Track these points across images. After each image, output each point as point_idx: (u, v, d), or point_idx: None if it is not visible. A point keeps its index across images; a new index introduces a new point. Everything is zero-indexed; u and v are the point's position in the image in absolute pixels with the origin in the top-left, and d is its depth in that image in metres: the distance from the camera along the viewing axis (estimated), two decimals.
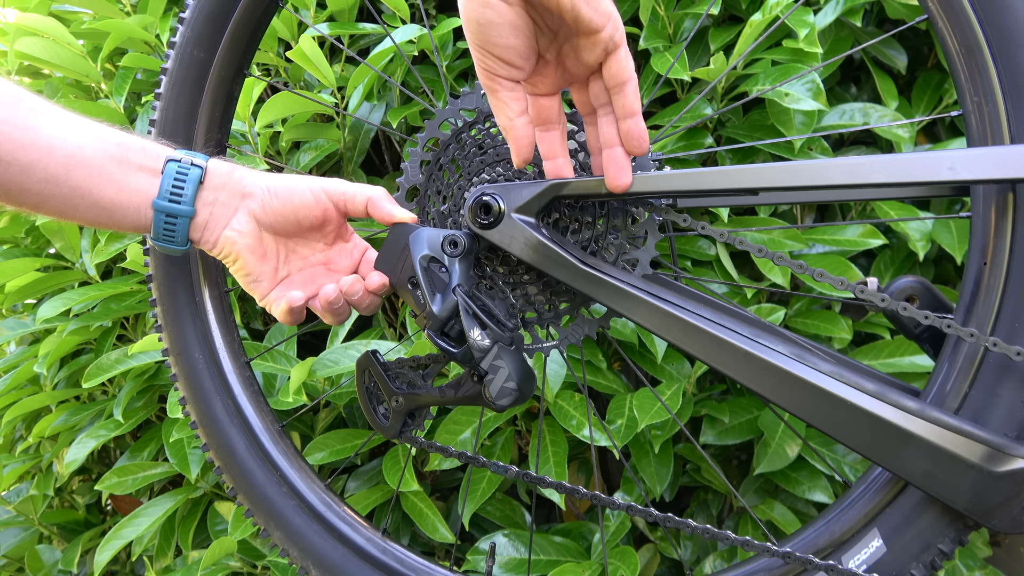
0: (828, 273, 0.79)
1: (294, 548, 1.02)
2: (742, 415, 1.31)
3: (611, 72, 0.74)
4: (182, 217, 0.82)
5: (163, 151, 0.83)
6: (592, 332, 0.92)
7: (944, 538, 0.79)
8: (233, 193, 0.84)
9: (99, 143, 0.78)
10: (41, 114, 0.75)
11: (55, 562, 1.68)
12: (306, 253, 0.90)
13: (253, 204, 0.85)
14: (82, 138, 0.77)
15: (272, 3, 1.00)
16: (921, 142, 1.36)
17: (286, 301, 0.87)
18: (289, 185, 0.86)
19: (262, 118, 1.28)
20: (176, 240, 0.83)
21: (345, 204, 0.88)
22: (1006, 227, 0.77)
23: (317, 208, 0.87)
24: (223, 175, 0.84)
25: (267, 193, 0.85)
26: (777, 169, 0.77)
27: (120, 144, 0.80)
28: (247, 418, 1.05)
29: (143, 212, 0.81)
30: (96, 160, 0.77)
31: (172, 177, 0.81)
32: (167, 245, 0.83)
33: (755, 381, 0.78)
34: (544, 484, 0.91)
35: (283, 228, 0.87)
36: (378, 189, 0.89)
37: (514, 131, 0.77)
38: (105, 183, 0.78)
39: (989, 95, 0.77)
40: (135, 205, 0.80)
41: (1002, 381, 0.76)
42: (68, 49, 1.42)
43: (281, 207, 0.85)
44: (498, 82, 0.74)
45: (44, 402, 1.61)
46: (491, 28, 0.70)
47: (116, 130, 0.81)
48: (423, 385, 0.89)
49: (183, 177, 0.81)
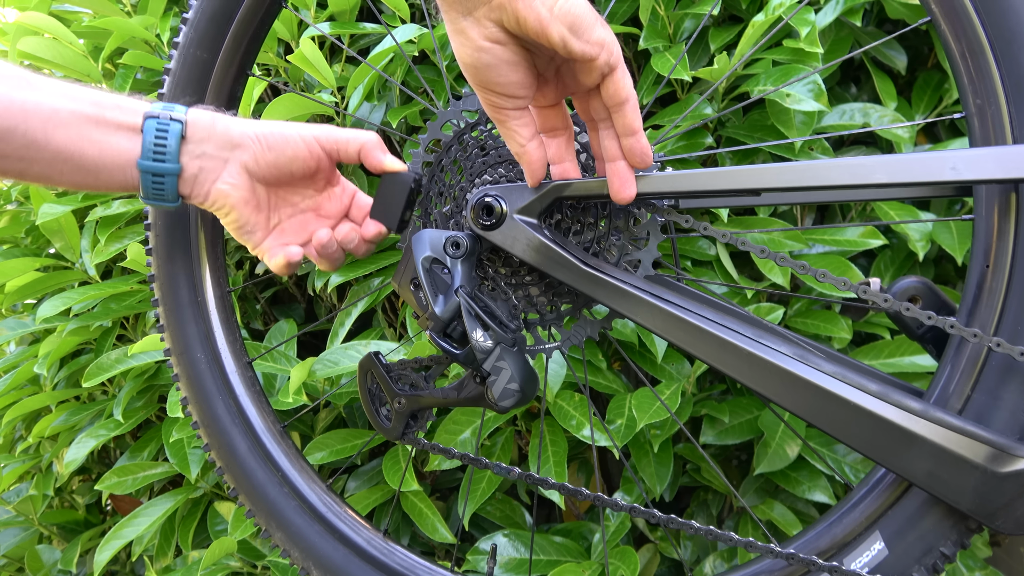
0: (831, 274, 0.79)
1: (295, 549, 1.02)
2: (742, 415, 1.31)
3: (608, 93, 0.74)
4: (169, 175, 0.81)
5: (140, 106, 0.81)
6: (594, 333, 0.92)
7: (946, 541, 0.79)
8: (221, 145, 0.83)
9: (73, 104, 0.77)
10: (10, 79, 0.75)
11: (55, 562, 1.68)
12: (296, 200, 0.91)
13: (245, 156, 0.84)
14: (56, 100, 0.76)
15: (275, 4, 1.00)
16: (921, 142, 1.36)
17: (284, 256, 0.88)
18: (281, 134, 0.86)
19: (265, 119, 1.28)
20: (166, 197, 0.82)
21: (338, 151, 0.88)
22: (1009, 228, 0.77)
23: (311, 158, 0.87)
24: (206, 126, 0.83)
25: (259, 144, 0.84)
26: (779, 170, 0.77)
27: (95, 103, 0.78)
28: (249, 418, 1.05)
29: (129, 172, 0.80)
30: (73, 121, 0.76)
31: (153, 134, 0.80)
32: (158, 202, 0.83)
33: (758, 382, 0.78)
34: (547, 485, 0.90)
35: (276, 179, 0.87)
36: (370, 135, 0.89)
37: (527, 156, 0.77)
38: (86, 144, 0.77)
39: (991, 97, 0.77)
40: (119, 165, 0.79)
41: (1005, 382, 0.76)
42: (69, 48, 1.41)
43: (275, 159, 0.85)
44: (505, 114, 0.75)
45: (44, 402, 1.61)
46: (489, 70, 0.70)
47: (89, 88, 0.80)
48: (425, 386, 0.89)
49: (164, 133, 0.80)
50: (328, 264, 0.91)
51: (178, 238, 1.03)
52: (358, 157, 0.88)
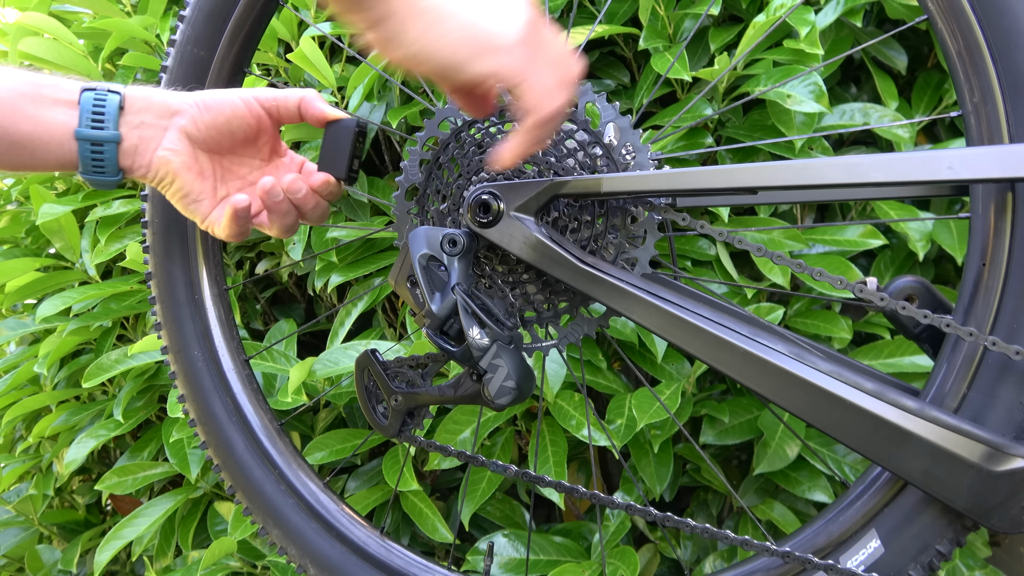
0: (827, 272, 0.79)
1: (292, 546, 1.02)
2: (742, 415, 1.31)
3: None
4: (108, 143, 0.80)
5: (78, 83, 0.81)
6: (591, 331, 0.92)
7: (942, 539, 0.79)
8: (160, 113, 0.83)
9: (8, 82, 0.76)
10: None
11: (55, 562, 1.68)
12: (244, 172, 0.90)
13: (183, 120, 0.83)
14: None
15: (272, 2, 1.00)
16: (921, 142, 1.36)
17: (229, 204, 0.84)
18: (219, 97, 0.85)
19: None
20: (106, 170, 0.81)
21: (278, 109, 0.87)
22: (1005, 227, 0.77)
23: (250, 116, 0.86)
24: (143, 98, 0.83)
25: (197, 107, 0.83)
26: (776, 168, 0.77)
27: (31, 82, 0.78)
28: (246, 416, 1.05)
29: (66, 145, 0.79)
30: (7, 99, 0.76)
31: (91, 104, 0.79)
32: (98, 177, 0.81)
33: (755, 380, 0.78)
34: (544, 483, 0.90)
35: (217, 143, 0.86)
36: (308, 90, 0.88)
37: None
38: (20, 120, 0.76)
39: (988, 95, 0.77)
40: (57, 139, 0.78)
41: (1001, 381, 0.76)
42: (70, 49, 1.42)
43: (213, 119, 0.84)
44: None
45: (44, 402, 1.61)
46: None
47: (27, 71, 0.79)
48: (422, 384, 0.89)
49: (101, 103, 0.79)
50: (279, 225, 0.88)
51: (175, 236, 1.03)
52: (299, 112, 0.87)
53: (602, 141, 0.86)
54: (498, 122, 0.89)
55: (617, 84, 1.43)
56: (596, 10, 1.37)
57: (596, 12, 1.36)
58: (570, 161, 0.86)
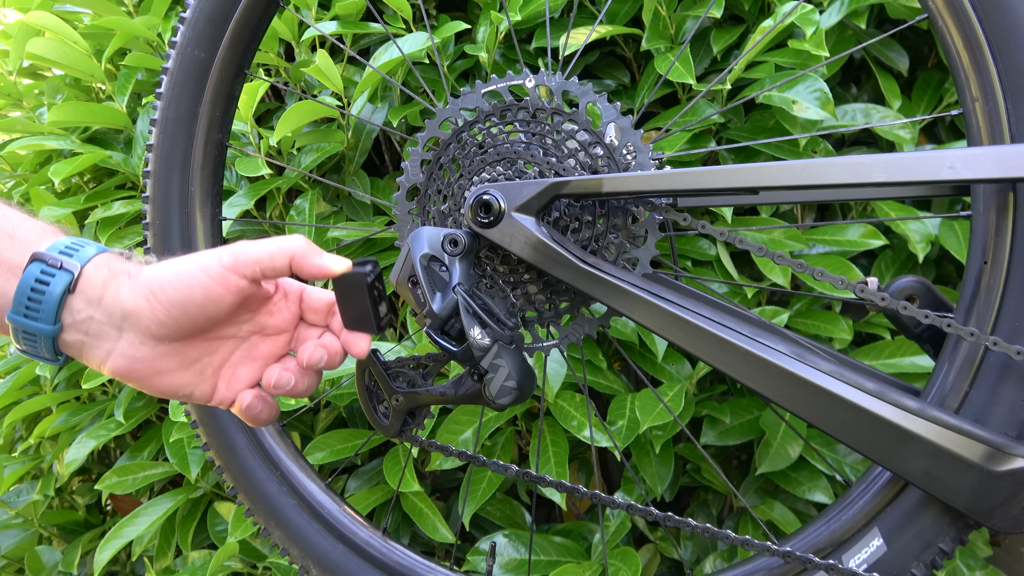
0: (828, 272, 0.79)
1: (294, 547, 1.02)
2: (743, 415, 1.31)
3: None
4: (44, 336, 0.65)
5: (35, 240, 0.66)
6: (592, 331, 0.92)
7: (945, 537, 0.79)
8: (111, 313, 0.67)
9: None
10: None
11: (55, 563, 1.68)
12: (232, 332, 0.75)
13: (142, 322, 0.67)
14: None
15: (273, 3, 1.00)
16: (922, 143, 1.36)
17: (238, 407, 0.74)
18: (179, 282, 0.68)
19: (280, 131, 1.29)
20: (44, 356, 0.67)
21: (262, 272, 0.71)
22: (1006, 226, 0.77)
23: (228, 294, 0.70)
24: (98, 285, 0.66)
25: (152, 301, 0.67)
26: (777, 168, 0.77)
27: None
28: None
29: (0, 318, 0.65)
30: None
31: (31, 285, 0.64)
32: (36, 357, 0.67)
33: (756, 380, 0.78)
34: (544, 483, 0.90)
35: (191, 329, 0.70)
36: (295, 239, 0.73)
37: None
38: None
39: (989, 94, 0.77)
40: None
41: (1002, 380, 0.76)
42: (74, 48, 1.42)
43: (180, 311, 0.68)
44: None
45: (45, 404, 1.61)
46: None
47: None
48: (423, 384, 0.89)
49: (43, 286, 0.64)
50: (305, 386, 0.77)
51: (175, 238, 1.03)
52: (290, 269, 0.72)
53: (603, 141, 0.86)
54: (499, 122, 0.89)
55: (617, 84, 1.44)
56: (597, 10, 1.37)
57: (597, 12, 1.36)
58: (571, 161, 0.86)
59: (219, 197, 1.07)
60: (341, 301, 0.77)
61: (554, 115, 0.87)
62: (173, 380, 0.71)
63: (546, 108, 0.87)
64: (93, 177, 1.66)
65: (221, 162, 1.06)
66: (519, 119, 0.88)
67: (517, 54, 1.28)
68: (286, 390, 0.75)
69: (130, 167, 1.52)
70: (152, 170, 1.03)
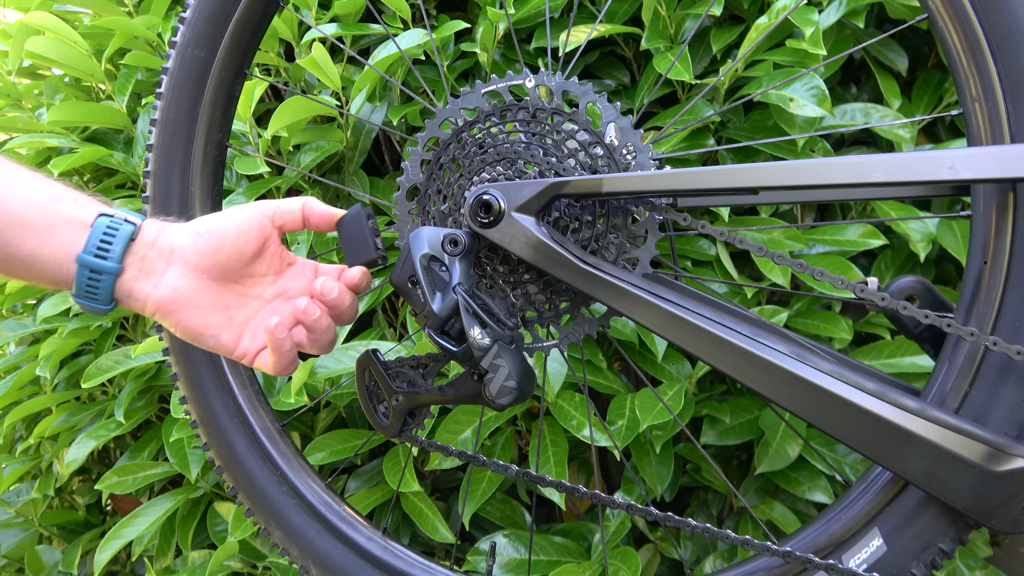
0: (828, 272, 0.79)
1: (294, 547, 1.02)
2: (743, 415, 1.31)
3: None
4: (107, 274, 0.76)
5: (97, 206, 0.79)
6: (592, 331, 0.92)
7: (945, 537, 0.79)
8: (161, 250, 0.79)
9: (27, 193, 0.74)
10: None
11: (55, 563, 1.68)
12: (258, 292, 0.86)
13: (186, 254, 0.80)
14: (7, 188, 0.73)
15: (273, 3, 1.00)
16: (922, 142, 1.36)
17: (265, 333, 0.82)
18: (219, 220, 0.82)
19: (273, 125, 1.28)
20: (99, 298, 0.77)
21: (281, 216, 0.85)
22: (1006, 226, 0.77)
23: (252, 228, 0.83)
24: (153, 232, 0.80)
25: (196, 236, 0.81)
26: (777, 168, 0.77)
27: (52, 195, 0.76)
28: (247, 417, 1.05)
29: (65, 266, 0.76)
30: (19, 210, 0.73)
31: (102, 231, 0.76)
32: (88, 303, 0.78)
33: (755, 380, 0.78)
34: (544, 483, 0.90)
35: (226, 268, 0.82)
36: (307, 197, 0.88)
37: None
38: (26, 234, 0.73)
39: (989, 94, 0.77)
40: (57, 259, 0.75)
41: (1003, 380, 0.76)
42: (74, 48, 1.42)
43: (218, 244, 0.81)
44: None
45: (45, 404, 1.61)
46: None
47: (52, 181, 0.77)
48: (423, 384, 0.89)
49: (113, 232, 0.76)
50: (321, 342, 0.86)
51: None
52: (302, 217, 0.86)
53: (603, 141, 0.86)
54: (499, 122, 0.89)
55: (617, 84, 1.44)
56: (596, 10, 1.37)
57: (596, 12, 1.36)
58: (571, 161, 0.86)
59: (219, 197, 1.07)
60: (343, 240, 0.87)
61: (554, 115, 0.87)
62: (206, 317, 0.82)
63: (546, 108, 0.87)
64: (93, 177, 1.66)
65: (221, 162, 1.06)
66: (519, 119, 0.88)
67: (517, 54, 1.28)
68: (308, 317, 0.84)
69: (130, 167, 1.52)
70: (152, 170, 1.03)
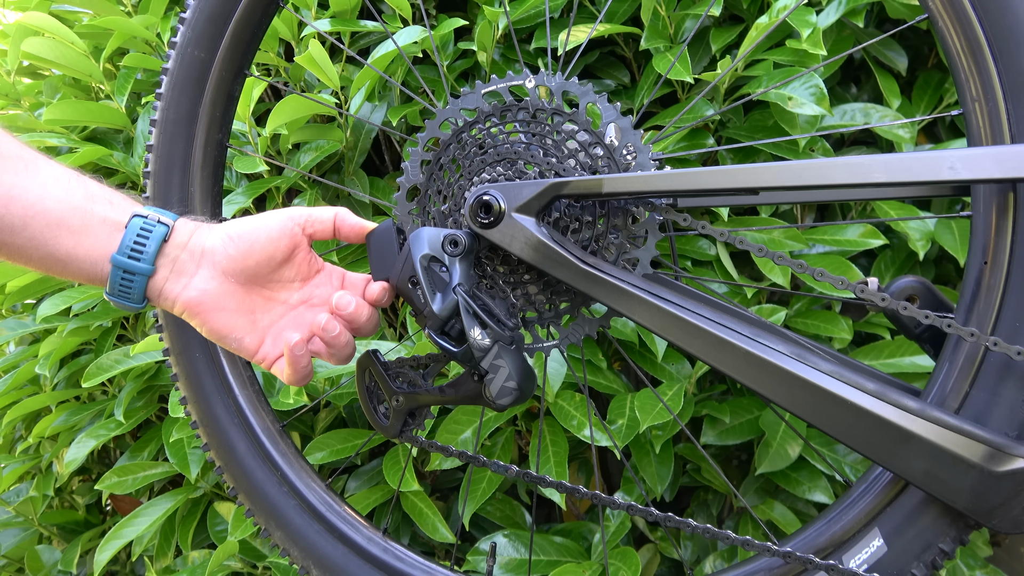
0: (828, 272, 0.79)
1: (295, 548, 1.02)
2: (743, 415, 1.31)
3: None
4: (139, 275, 0.78)
5: (131, 206, 0.80)
6: (593, 331, 0.92)
7: (945, 537, 0.79)
8: (192, 251, 0.81)
9: (64, 193, 0.75)
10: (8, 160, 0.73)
11: (55, 563, 1.68)
12: (284, 297, 0.87)
13: (216, 257, 0.81)
14: (46, 188, 0.74)
15: (273, 3, 1.00)
16: (922, 142, 1.36)
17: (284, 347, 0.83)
18: (250, 224, 0.83)
19: (271, 123, 1.28)
20: (132, 297, 0.79)
21: (312, 224, 0.85)
22: (1006, 226, 0.77)
23: (283, 235, 0.83)
24: (186, 233, 0.81)
25: (227, 240, 0.82)
26: (778, 169, 0.77)
27: (87, 195, 0.77)
28: (247, 418, 1.05)
29: (100, 266, 0.77)
30: (56, 211, 0.74)
31: (136, 232, 0.78)
32: (122, 301, 0.79)
33: (756, 381, 0.78)
34: (544, 483, 0.90)
35: (255, 272, 0.83)
36: (340, 208, 0.88)
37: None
38: (63, 234, 0.75)
39: (989, 94, 0.77)
40: (92, 259, 0.77)
41: (1003, 380, 0.76)
42: (72, 48, 1.42)
43: (249, 248, 0.82)
44: None
45: (44, 403, 1.61)
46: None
47: (87, 179, 0.79)
48: (423, 384, 0.89)
49: (147, 234, 0.78)
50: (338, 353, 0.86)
51: None
52: (333, 227, 0.86)
53: (603, 142, 0.86)
54: (499, 122, 0.89)
55: (617, 84, 1.44)
56: (596, 10, 1.37)
57: (596, 12, 1.36)
58: (571, 162, 0.86)
59: (219, 198, 1.07)
60: (371, 253, 0.87)
61: (554, 115, 0.87)
62: (231, 320, 0.83)
63: (546, 108, 0.87)
64: (93, 176, 1.66)
65: (221, 163, 1.06)
66: (519, 119, 0.88)
67: (517, 54, 1.28)
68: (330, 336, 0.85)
69: (130, 167, 1.51)
70: (152, 170, 1.03)
